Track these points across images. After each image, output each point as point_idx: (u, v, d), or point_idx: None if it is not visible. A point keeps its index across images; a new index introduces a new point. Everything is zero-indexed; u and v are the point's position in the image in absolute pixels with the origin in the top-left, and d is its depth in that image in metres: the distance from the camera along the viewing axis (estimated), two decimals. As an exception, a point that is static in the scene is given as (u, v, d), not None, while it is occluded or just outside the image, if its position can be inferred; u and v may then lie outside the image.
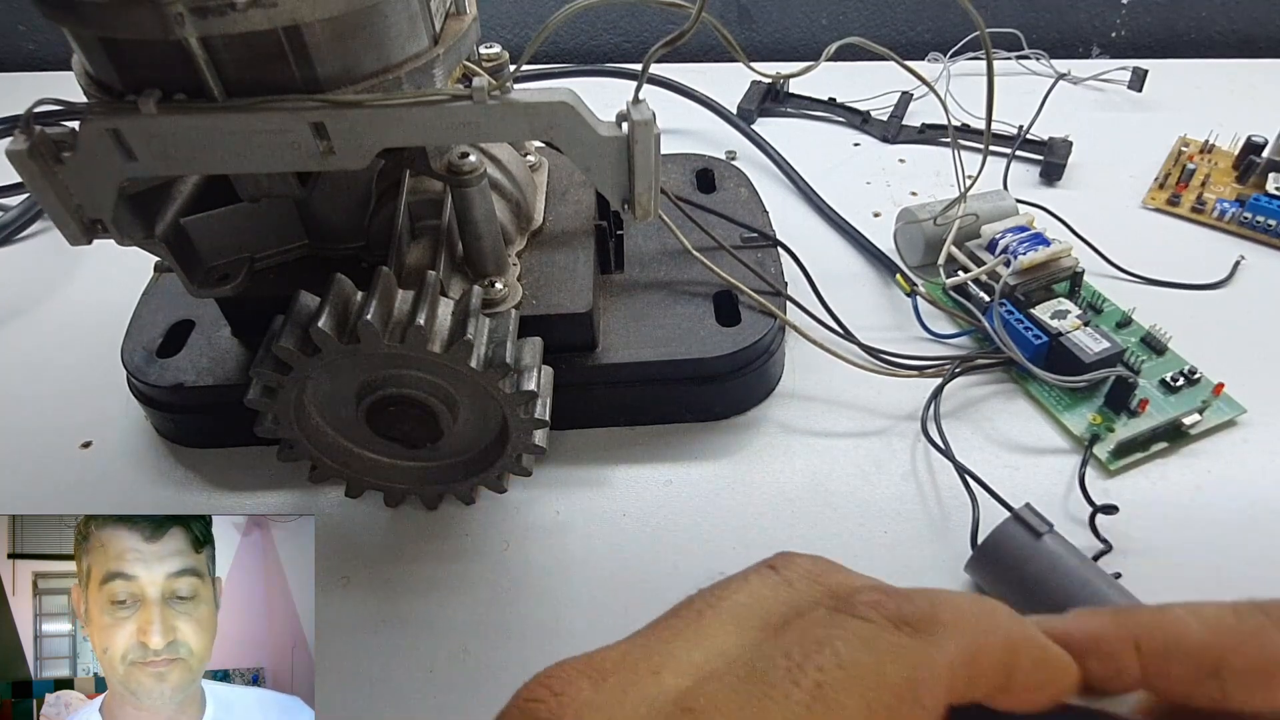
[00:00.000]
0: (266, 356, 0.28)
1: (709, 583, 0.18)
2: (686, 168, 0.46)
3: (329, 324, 0.27)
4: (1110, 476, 0.35)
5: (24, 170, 0.26)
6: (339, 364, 0.29)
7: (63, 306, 0.46)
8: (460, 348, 0.28)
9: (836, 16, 0.68)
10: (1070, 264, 0.41)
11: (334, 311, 0.28)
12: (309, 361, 0.28)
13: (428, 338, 0.28)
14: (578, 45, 0.70)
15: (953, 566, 0.32)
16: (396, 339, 0.28)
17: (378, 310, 0.27)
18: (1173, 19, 0.67)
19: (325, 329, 0.27)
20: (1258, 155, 0.49)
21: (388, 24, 0.27)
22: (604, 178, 0.29)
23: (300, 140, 0.26)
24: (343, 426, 0.32)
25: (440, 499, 0.34)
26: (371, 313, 0.27)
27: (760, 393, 0.39)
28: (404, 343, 0.28)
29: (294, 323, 0.28)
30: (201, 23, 0.24)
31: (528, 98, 0.27)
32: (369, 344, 0.27)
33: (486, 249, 0.33)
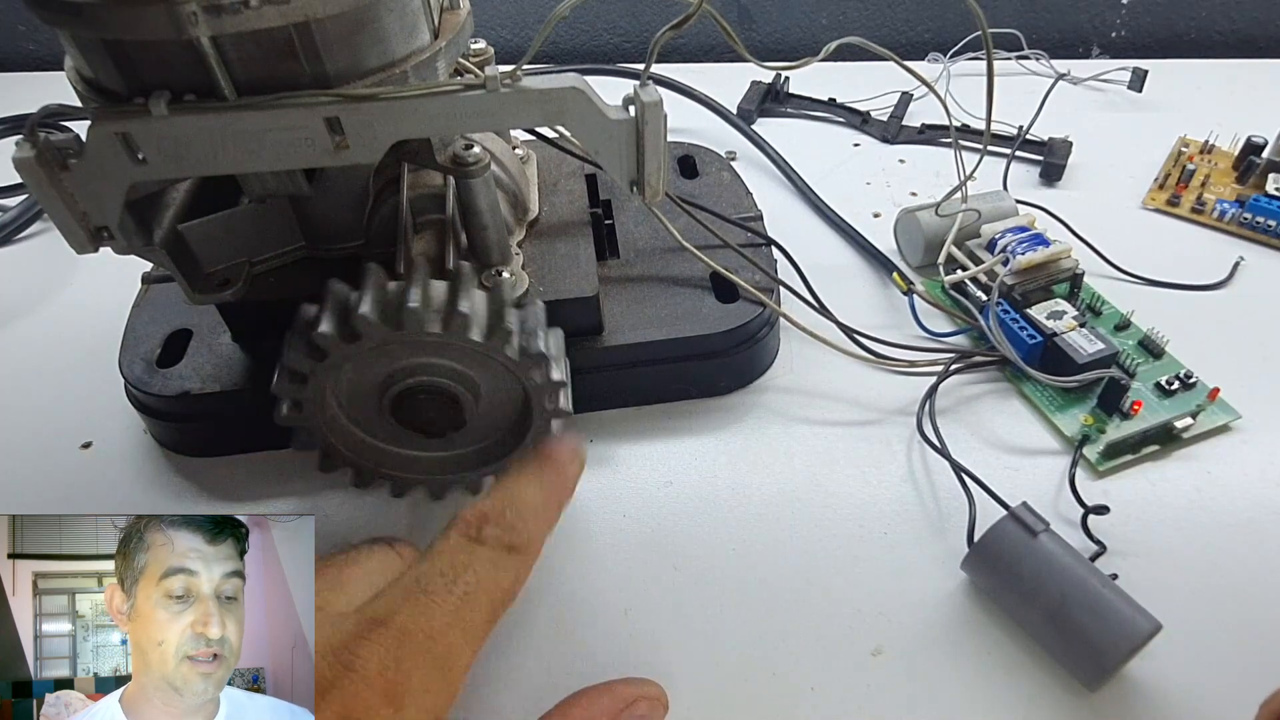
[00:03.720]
0: (299, 343, 0.28)
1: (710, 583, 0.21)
2: (669, 156, 0.46)
3: (372, 310, 0.27)
4: (1100, 477, 0.35)
5: (30, 178, 0.26)
6: (369, 352, 0.29)
7: (63, 306, 0.46)
8: (499, 336, 0.28)
9: (836, 16, 0.68)
10: (1070, 265, 0.41)
11: (376, 298, 0.28)
12: (348, 349, 0.28)
13: (470, 326, 0.28)
14: (578, 45, 0.70)
15: (949, 564, 0.32)
16: (441, 326, 0.28)
17: (421, 297, 0.28)
18: (1173, 19, 0.67)
19: (369, 316, 0.27)
20: (1258, 156, 0.49)
21: (393, 19, 0.27)
22: (613, 160, 0.29)
23: (314, 136, 0.26)
24: (362, 417, 0.32)
25: (446, 489, 0.34)
26: (416, 299, 0.27)
27: (762, 365, 0.40)
28: (448, 330, 0.28)
29: (333, 309, 0.28)
30: (215, 21, 0.24)
31: (539, 84, 0.27)
32: (412, 331, 0.28)
33: (491, 239, 0.34)
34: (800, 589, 0.32)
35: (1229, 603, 0.31)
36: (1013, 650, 0.30)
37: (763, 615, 0.31)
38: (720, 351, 0.37)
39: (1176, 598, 0.31)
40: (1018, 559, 0.30)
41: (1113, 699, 0.29)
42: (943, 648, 0.30)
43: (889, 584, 0.32)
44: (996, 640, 0.30)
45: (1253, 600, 0.31)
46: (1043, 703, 0.29)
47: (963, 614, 0.31)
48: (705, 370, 0.38)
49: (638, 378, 0.38)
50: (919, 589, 0.32)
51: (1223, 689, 0.29)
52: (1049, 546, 0.30)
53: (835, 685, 0.29)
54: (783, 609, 0.31)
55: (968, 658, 0.30)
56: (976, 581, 0.31)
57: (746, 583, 0.32)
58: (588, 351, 0.36)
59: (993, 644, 0.30)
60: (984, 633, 0.31)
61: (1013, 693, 0.29)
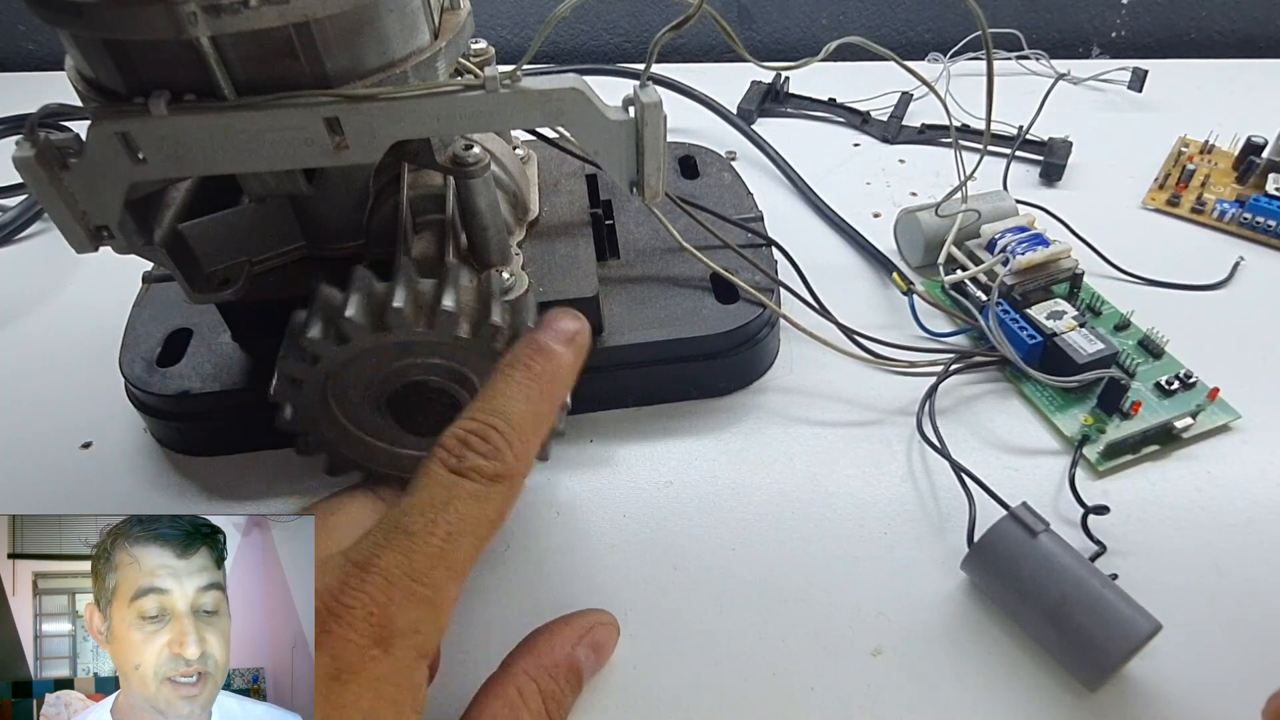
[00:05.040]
0: (292, 349, 0.28)
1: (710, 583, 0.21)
2: (670, 156, 0.46)
3: (359, 313, 0.27)
4: (1100, 478, 0.35)
5: (31, 177, 0.26)
6: (364, 354, 0.29)
7: (62, 306, 0.46)
8: (486, 330, 0.28)
9: (836, 16, 0.68)
10: (1070, 265, 0.41)
11: (361, 300, 0.28)
12: (337, 352, 0.28)
13: (457, 322, 0.28)
14: (577, 45, 0.70)
15: (949, 564, 0.32)
16: (426, 324, 0.28)
17: (406, 297, 0.28)
18: (1173, 19, 0.67)
19: (356, 318, 0.27)
20: (1258, 156, 0.49)
21: (393, 19, 0.27)
22: (613, 161, 0.29)
23: (314, 136, 0.26)
24: (364, 419, 0.32)
25: None
26: (400, 299, 0.27)
27: (762, 366, 0.40)
28: (433, 328, 0.28)
29: (320, 313, 0.28)
30: (214, 21, 0.24)
31: (538, 85, 0.27)
32: (399, 331, 0.28)
33: (491, 239, 0.34)
34: (800, 589, 0.32)
35: (1229, 603, 0.31)
36: (1013, 650, 0.30)
37: (763, 615, 0.31)
38: (720, 352, 0.37)
39: (1176, 598, 0.31)
40: (1018, 559, 0.30)
41: (1113, 699, 0.29)
42: (943, 648, 0.30)
43: (889, 584, 0.32)
44: (996, 640, 0.30)
45: (1253, 600, 0.31)
46: (1043, 703, 0.29)
47: (963, 614, 0.31)
48: (705, 371, 0.38)
49: (638, 378, 0.38)
50: (919, 589, 0.32)
51: (1223, 689, 0.29)
52: (1049, 546, 0.30)
53: (835, 685, 0.29)
54: (783, 609, 0.31)
55: (968, 658, 0.30)
56: (976, 581, 0.31)
57: (746, 583, 0.32)
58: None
59: (993, 644, 0.30)
60: (984, 633, 0.31)
61: (1013, 693, 0.29)
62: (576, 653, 0.28)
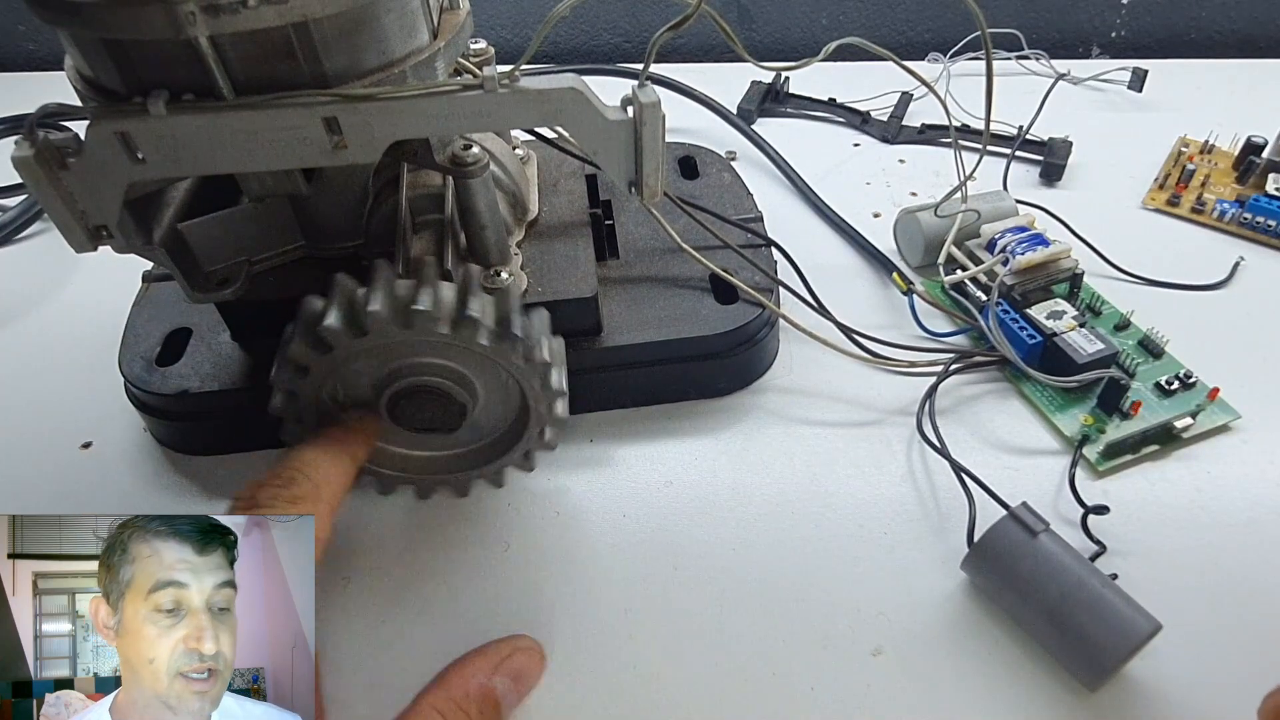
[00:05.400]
0: (283, 363, 0.29)
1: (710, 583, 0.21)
2: (670, 156, 0.46)
3: (338, 321, 0.27)
4: (1100, 477, 0.35)
5: (30, 177, 0.26)
6: (355, 360, 0.29)
7: (63, 306, 0.46)
8: (466, 325, 0.28)
9: (836, 16, 0.68)
10: (1070, 265, 0.41)
11: (341, 308, 0.28)
12: (324, 361, 0.28)
13: (435, 320, 0.28)
14: (577, 45, 0.70)
15: (949, 564, 0.32)
16: (404, 325, 0.28)
17: (383, 300, 0.28)
18: (1173, 19, 0.67)
19: (334, 325, 0.27)
20: (1258, 156, 0.49)
21: (392, 19, 0.27)
22: (611, 161, 0.29)
23: (312, 136, 0.26)
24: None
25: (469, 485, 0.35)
26: (377, 303, 0.27)
27: (762, 366, 0.40)
28: (411, 328, 0.28)
29: (304, 325, 0.28)
30: (213, 21, 0.24)
31: (537, 85, 0.27)
32: (378, 334, 0.28)
33: (490, 239, 0.34)
34: (800, 589, 0.32)
35: (1229, 603, 0.31)
36: (1013, 650, 0.30)
37: (763, 615, 0.31)
38: (720, 352, 0.37)
39: (1176, 598, 0.31)
40: (1017, 559, 0.30)
41: (1113, 699, 0.29)
42: (943, 648, 0.30)
43: (889, 584, 0.32)
44: (996, 640, 0.30)
45: (1253, 600, 0.31)
46: (1043, 703, 0.29)
47: (963, 614, 0.31)
48: (705, 371, 0.38)
49: (637, 378, 0.38)
50: (919, 589, 0.32)
51: (1223, 689, 0.29)
52: (1049, 546, 0.30)
53: (835, 685, 0.29)
54: (783, 609, 0.31)
55: (968, 658, 0.30)
56: (976, 581, 0.31)
57: (746, 583, 0.32)
58: (587, 352, 0.36)
59: (993, 644, 0.30)
60: (984, 633, 0.31)
61: (1013, 693, 0.29)
62: (492, 682, 0.27)
